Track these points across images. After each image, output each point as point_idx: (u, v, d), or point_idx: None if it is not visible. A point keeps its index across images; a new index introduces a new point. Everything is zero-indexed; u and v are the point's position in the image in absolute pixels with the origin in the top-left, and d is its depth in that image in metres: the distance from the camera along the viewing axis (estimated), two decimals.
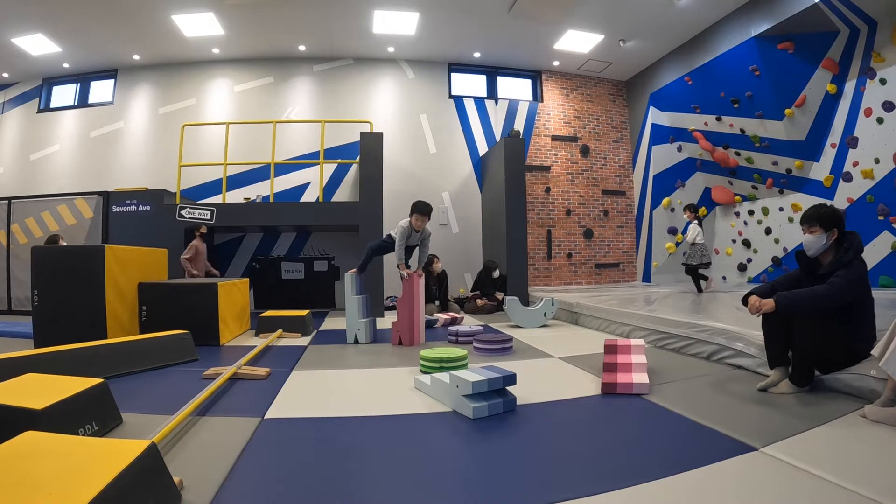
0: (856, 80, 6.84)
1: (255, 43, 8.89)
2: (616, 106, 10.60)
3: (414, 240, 5.02)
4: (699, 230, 7.32)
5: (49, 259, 4.59)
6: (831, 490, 1.63)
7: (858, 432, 2.17)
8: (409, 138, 9.58)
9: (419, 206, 4.90)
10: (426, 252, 5.12)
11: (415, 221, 4.88)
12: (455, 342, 4.81)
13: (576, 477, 1.82)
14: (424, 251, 5.10)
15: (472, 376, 2.56)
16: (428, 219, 4.95)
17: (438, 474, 1.88)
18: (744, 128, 8.19)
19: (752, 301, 2.82)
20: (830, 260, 2.78)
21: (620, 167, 10.49)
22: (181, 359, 3.93)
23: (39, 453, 1.48)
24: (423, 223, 4.93)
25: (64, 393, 2.15)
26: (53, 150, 9.27)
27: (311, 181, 9.08)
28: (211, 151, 8.60)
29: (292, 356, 4.20)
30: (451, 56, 9.70)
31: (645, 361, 3.18)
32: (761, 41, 7.21)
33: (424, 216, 4.90)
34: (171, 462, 1.83)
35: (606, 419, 2.56)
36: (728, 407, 2.63)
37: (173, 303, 4.87)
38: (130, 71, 9.41)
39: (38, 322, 4.47)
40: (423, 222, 4.92)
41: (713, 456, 1.93)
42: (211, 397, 2.79)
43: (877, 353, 2.32)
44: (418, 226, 4.90)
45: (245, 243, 8.99)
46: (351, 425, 2.44)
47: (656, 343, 4.47)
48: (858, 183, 6.91)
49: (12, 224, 8.01)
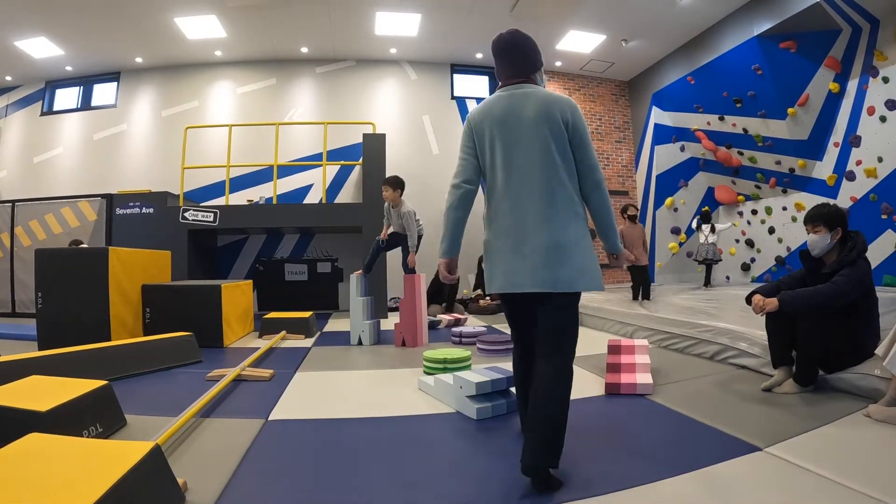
0: (858, 78, 6.82)
1: (258, 45, 8.92)
2: (619, 106, 10.59)
3: (394, 220, 5.22)
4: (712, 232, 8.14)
5: (53, 261, 4.60)
6: (835, 489, 1.63)
7: (862, 432, 2.16)
8: (412, 139, 9.58)
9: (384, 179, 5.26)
10: (411, 234, 5.15)
11: (383, 194, 5.17)
12: (458, 343, 4.81)
13: (580, 477, 1.82)
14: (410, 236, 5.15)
15: (475, 377, 2.56)
16: (391, 189, 5.13)
17: (442, 475, 1.88)
18: (746, 127, 8.17)
19: (756, 300, 2.81)
20: (834, 259, 2.77)
21: (623, 167, 10.48)
22: (185, 360, 3.94)
23: (44, 455, 1.48)
24: (387, 193, 5.13)
25: (68, 395, 2.16)
26: (57, 153, 9.30)
27: (315, 183, 9.09)
28: (214, 153, 8.62)
29: (296, 357, 4.20)
30: (454, 57, 9.70)
31: (648, 362, 3.17)
32: (763, 40, 7.20)
33: (386, 186, 5.15)
34: (175, 464, 1.84)
35: (610, 420, 2.55)
36: (732, 407, 2.62)
37: (177, 305, 4.89)
38: (133, 73, 9.44)
39: (42, 324, 4.48)
40: (387, 193, 5.12)
41: (717, 456, 1.93)
42: (215, 399, 2.80)
43: (881, 353, 2.31)
44: (385, 197, 5.15)
45: (248, 245, 9.00)
46: (355, 426, 2.44)
47: (660, 343, 4.46)
48: (861, 182, 6.88)
49: (16, 226, 8.03)
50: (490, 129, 1.99)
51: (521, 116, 1.94)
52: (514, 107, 1.97)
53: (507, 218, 1.94)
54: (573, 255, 1.85)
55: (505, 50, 2.10)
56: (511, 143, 1.95)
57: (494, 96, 2.06)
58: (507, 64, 2.09)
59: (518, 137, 1.94)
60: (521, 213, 1.90)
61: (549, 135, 1.91)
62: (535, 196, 1.89)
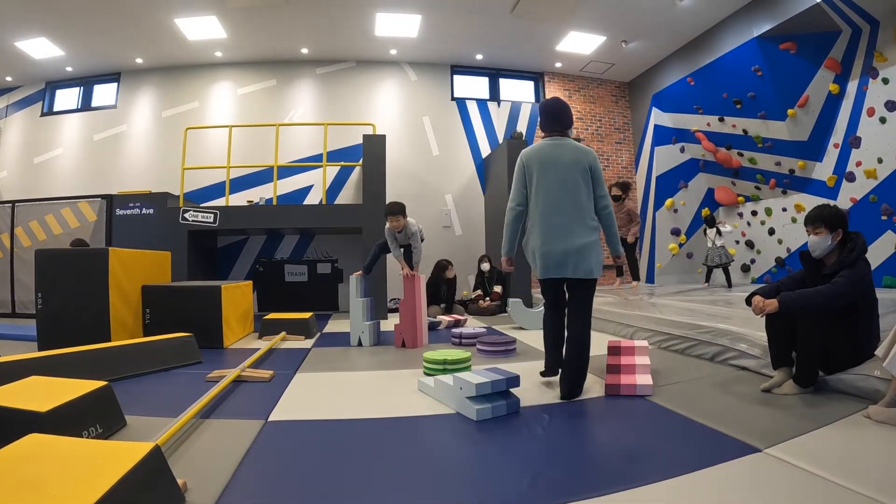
0: (858, 79, 6.83)
1: (258, 46, 8.92)
2: (618, 107, 10.60)
3: (402, 239, 5.06)
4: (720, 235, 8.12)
5: (53, 262, 4.60)
6: (836, 491, 1.62)
7: (862, 433, 2.16)
8: (412, 140, 9.59)
9: (385, 209, 4.99)
10: (418, 251, 5.06)
11: (390, 223, 4.92)
12: (458, 344, 4.81)
13: (580, 478, 1.82)
14: (416, 251, 5.05)
15: (475, 378, 2.55)
16: (402, 217, 4.90)
17: (442, 476, 1.88)
18: (746, 128, 8.17)
19: (756, 301, 2.81)
20: (835, 260, 2.77)
21: (623, 168, 10.48)
22: (185, 361, 3.93)
23: (43, 456, 1.48)
24: (398, 223, 4.90)
25: (68, 395, 2.16)
26: (57, 154, 9.30)
27: (315, 184, 9.09)
28: (214, 154, 8.61)
29: (296, 358, 4.20)
30: (454, 58, 9.71)
31: (648, 363, 3.17)
32: (763, 41, 7.20)
33: (394, 216, 4.88)
34: (174, 464, 1.84)
35: (610, 421, 2.55)
36: (732, 408, 2.62)
37: (177, 305, 4.89)
38: (133, 74, 9.45)
39: (42, 325, 4.49)
40: (397, 222, 4.90)
41: (717, 457, 1.93)
42: (215, 400, 2.79)
43: (881, 354, 2.31)
44: (394, 226, 4.92)
45: (248, 246, 9.00)
46: (355, 427, 2.44)
47: (660, 344, 4.45)
48: (861, 183, 6.89)
49: (16, 227, 8.03)
50: (537, 167, 2.99)
51: (559, 160, 2.95)
52: (555, 153, 2.98)
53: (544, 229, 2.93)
54: (591, 254, 2.89)
55: (550, 112, 3.10)
56: (551, 177, 2.94)
57: (541, 143, 3.07)
58: (550, 122, 3.10)
59: (556, 174, 2.94)
60: (553, 223, 2.90)
61: (578, 174, 2.93)
62: (566, 213, 2.89)
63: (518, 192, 3.05)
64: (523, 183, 3.04)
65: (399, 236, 5.03)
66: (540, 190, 2.95)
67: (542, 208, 2.93)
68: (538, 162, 2.98)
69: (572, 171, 2.91)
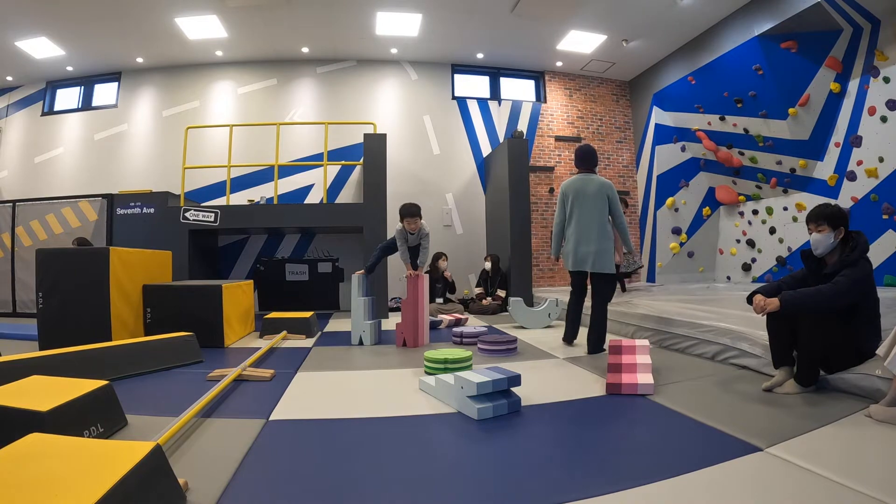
0: (859, 78, 6.81)
1: (259, 45, 8.91)
2: (619, 106, 10.58)
3: (413, 240, 5.04)
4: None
5: (54, 261, 4.60)
6: (837, 490, 1.62)
7: (864, 432, 2.17)
8: (413, 139, 9.58)
9: (403, 210, 4.95)
10: (426, 251, 5.07)
11: (406, 225, 4.93)
12: (459, 343, 4.81)
13: (581, 478, 1.82)
14: (424, 251, 5.05)
15: (476, 377, 2.55)
16: (418, 218, 4.95)
17: (443, 475, 1.88)
18: (747, 127, 8.16)
19: (757, 300, 2.81)
20: (836, 259, 2.77)
21: (624, 167, 10.47)
22: (186, 360, 3.94)
23: (45, 455, 1.48)
24: (415, 224, 4.94)
25: (69, 395, 2.16)
26: (57, 153, 9.30)
27: (315, 183, 9.09)
28: (215, 154, 8.62)
29: (297, 357, 4.21)
30: (454, 57, 9.69)
31: (649, 362, 3.17)
32: (764, 40, 7.19)
33: (413, 217, 4.91)
34: (176, 464, 1.84)
35: (611, 420, 2.55)
36: (733, 407, 2.62)
37: (178, 305, 4.89)
38: (134, 74, 9.44)
39: (43, 324, 4.49)
40: (415, 223, 4.93)
41: (718, 456, 1.93)
42: (216, 399, 2.80)
43: (882, 353, 2.31)
44: (411, 228, 4.94)
45: (249, 245, 9.00)
46: (356, 426, 2.44)
47: (661, 343, 4.46)
48: (863, 182, 6.87)
49: (17, 227, 8.03)
50: (572, 195, 4.36)
51: (587, 191, 4.30)
52: (586, 185, 4.32)
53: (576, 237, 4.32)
54: (608, 256, 4.23)
55: (583, 156, 4.45)
56: (581, 202, 4.30)
57: (576, 177, 4.42)
58: (583, 162, 4.46)
59: (585, 200, 4.29)
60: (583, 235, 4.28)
61: (601, 200, 4.27)
62: (593, 229, 4.25)
63: (560, 212, 4.45)
64: (563, 206, 4.42)
65: (410, 237, 5.03)
66: (574, 211, 4.32)
67: (575, 224, 4.31)
68: (573, 191, 4.34)
69: (596, 199, 4.25)
